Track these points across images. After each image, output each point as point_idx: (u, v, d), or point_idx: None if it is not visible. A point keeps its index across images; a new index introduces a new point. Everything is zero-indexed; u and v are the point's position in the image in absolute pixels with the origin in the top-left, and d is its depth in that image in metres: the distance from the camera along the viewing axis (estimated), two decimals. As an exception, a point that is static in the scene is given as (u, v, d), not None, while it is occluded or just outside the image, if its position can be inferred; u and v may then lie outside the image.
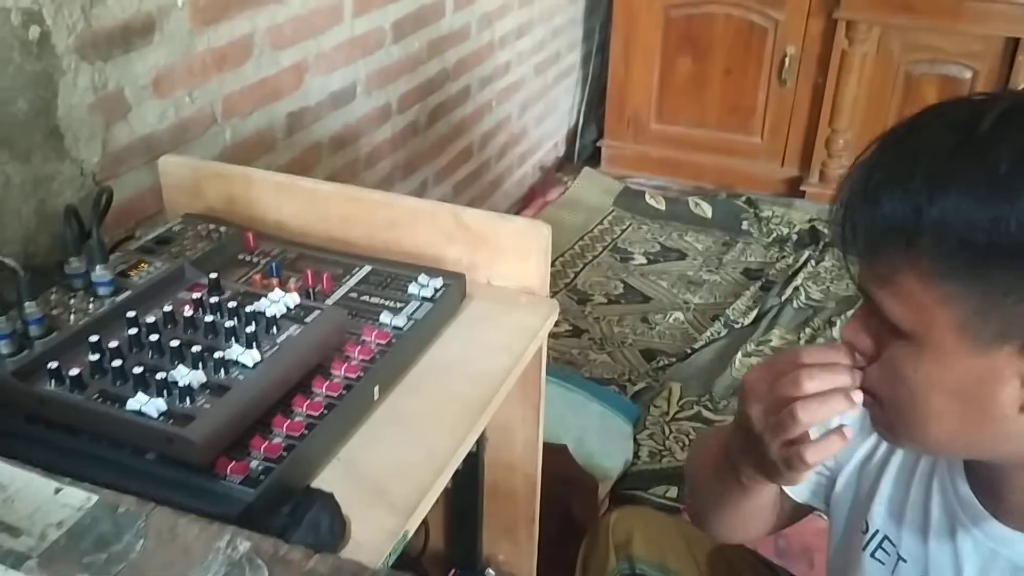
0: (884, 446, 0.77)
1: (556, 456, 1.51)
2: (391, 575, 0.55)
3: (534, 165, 2.89)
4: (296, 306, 0.89)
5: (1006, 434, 0.60)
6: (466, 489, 1.19)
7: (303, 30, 1.53)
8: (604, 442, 1.73)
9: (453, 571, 1.26)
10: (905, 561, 0.74)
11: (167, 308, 0.86)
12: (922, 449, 0.70)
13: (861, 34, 2.62)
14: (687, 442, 1.84)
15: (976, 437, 0.61)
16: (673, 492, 1.69)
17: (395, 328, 0.92)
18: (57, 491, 0.61)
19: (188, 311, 0.85)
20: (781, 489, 0.83)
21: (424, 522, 0.93)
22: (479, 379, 0.93)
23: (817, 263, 2.53)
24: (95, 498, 0.60)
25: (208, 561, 0.56)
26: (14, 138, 1.03)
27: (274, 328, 0.85)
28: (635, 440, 1.80)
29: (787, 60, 2.76)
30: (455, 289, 1.00)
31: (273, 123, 1.50)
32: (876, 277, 0.59)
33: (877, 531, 0.75)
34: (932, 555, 0.71)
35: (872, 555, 0.76)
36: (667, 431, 1.87)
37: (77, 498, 0.60)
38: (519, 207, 2.77)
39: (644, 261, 2.58)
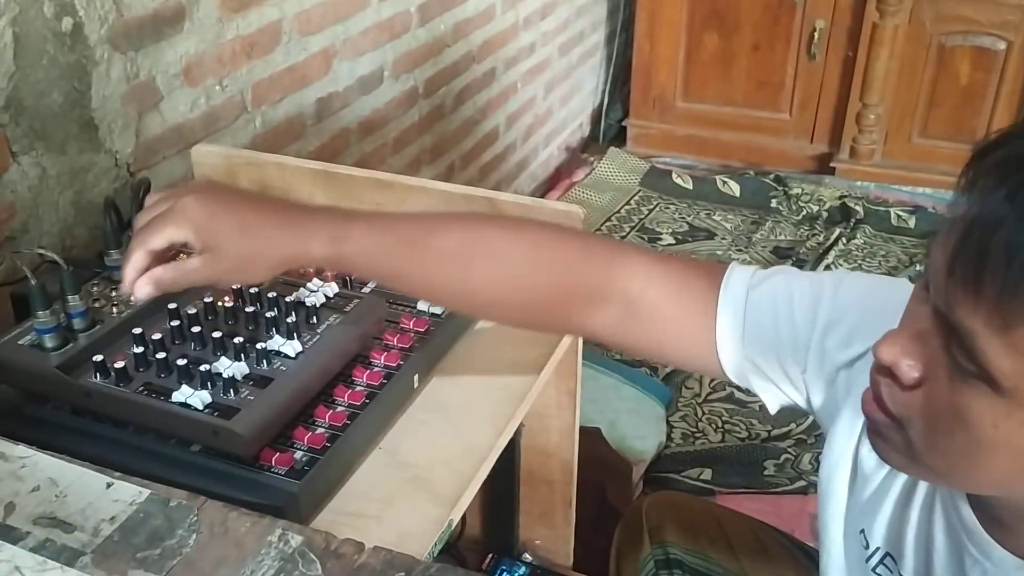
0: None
1: (590, 439, 1.51)
2: (443, 568, 0.55)
3: (559, 146, 2.87)
4: (335, 295, 0.89)
5: None
6: (503, 475, 1.19)
7: (330, 15, 1.52)
8: (637, 425, 1.72)
9: (490, 556, 1.26)
10: None
11: (207, 299, 0.86)
12: (942, 484, 0.63)
13: (892, 6, 2.57)
14: (720, 424, 1.83)
15: (1016, 485, 0.56)
16: (707, 475, 1.68)
17: (433, 315, 0.92)
18: (108, 486, 0.61)
19: (228, 302, 0.85)
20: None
21: (461, 508, 0.94)
22: (517, 366, 0.93)
23: (848, 240, 2.50)
24: (147, 492, 0.60)
25: (261, 555, 0.56)
26: (49, 130, 1.03)
27: (314, 318, 0.85)
28: (668, 422, 1.80)
29: (816, 34, 2.72)
30: (492, 276, 1.00)
31: (302, 109, 1.50)
32: (992, 319, 0.48)
33: (878, 548, 0.71)
34: None
35: (874, 569, 0.72)
36: (700, 413, 1.86)
37: (129, 492, 0.60)
38: (545, 189, 2.76)
39: (672, 241, 2.56)
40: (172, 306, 0.83)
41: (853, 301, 0.71)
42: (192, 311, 0.83)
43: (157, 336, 0.80)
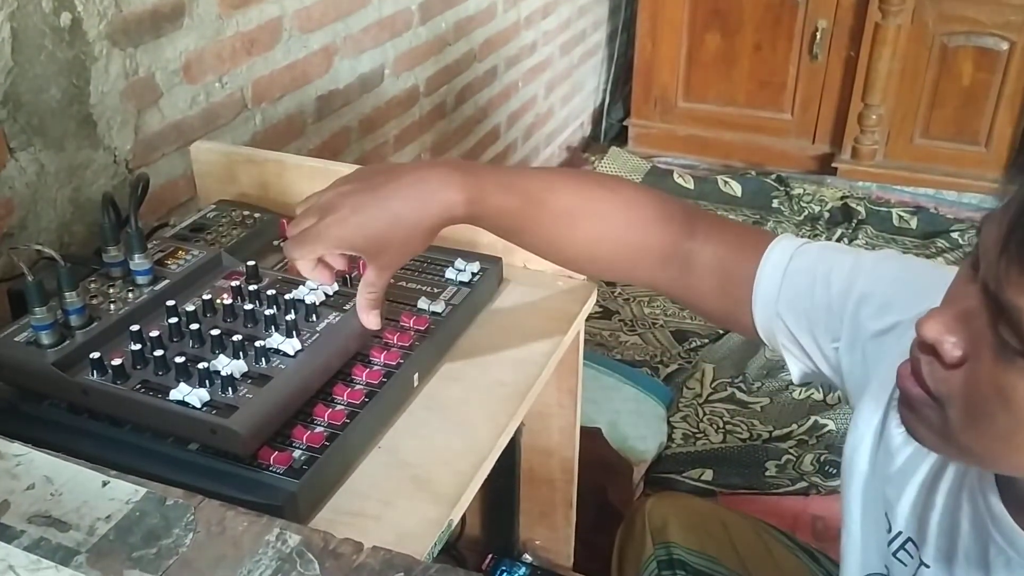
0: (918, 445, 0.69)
1: (591, 439, 1.50)
2: (442, 569, 0.54)
3: (560, 145, 2.86)
4: (335, 293, 0.88)
5: None
6: (503, 475, 1.18)
7: (331, 12, 1.52)
8: (638, 425, 1.71)
9: (490, 557, 1.25)
10: (928, 567, 0.69)
11: (206, 296, 0.85)
12: (974, 465, 0.63)
13: (895, 6, 2.56)
14: (721, 424, 1.82)
15: None
16: (708, 475, 1.67)
17: (433, 314, 0.91)
18: (104, 484, 0.60)
19: (227, 299, 0.84)
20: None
21: (461, 508, 0.93)
22: (518, 365, 0.92)
23: (851, 241, 2.49)
24: (143, 491, 0.60)
25: (259, 555, 0.55)
26: (47, 126, 1.03)
27: (313, 316, 0.84)
28: (669, 423, 1.79)
29: (818, 34, 2.71)
30: (492, 273, 0.99)
31: (303, 107, 1.49)
32: None
33: (900, 532, 0.71)
34: (959, 566, 0.66)
35: (894, 554, 0.71)
36: (701, 413, 1.85)
37: (125, 491, 0.60)
38: (546, 188, 2.75)
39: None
40: (170, 303, 0.83)
41: (889, 274, 0.73)
42: (190, 308, 0.82)
43: (155, 333, 0.79)
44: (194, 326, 0.80)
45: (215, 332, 0.79)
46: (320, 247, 0.75)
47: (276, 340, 0.80)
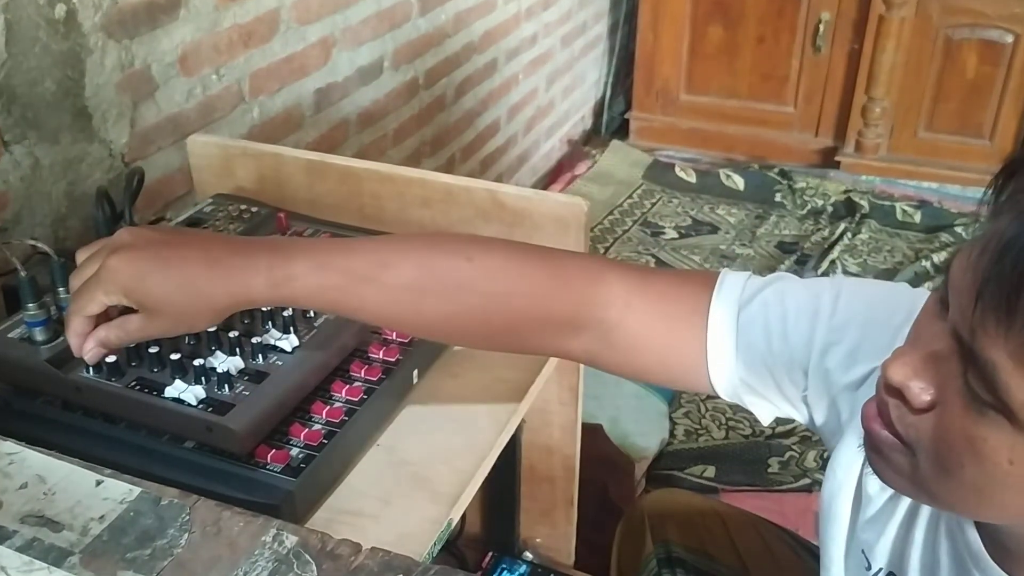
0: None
1: (592, 436, 1.49)
2: (442, 571, 0.53)
3: (561, 139, 2.85)
4: (333, 289, 0.87)
5: None
6: (504, 472, 1.17)
7: (329, 4, 1.50)
8: (639, 421, 1.70)
9: (490, 554, 1.24)
10: None
11: (202, 292, 0.84)
12: (949, 511, 0.59)
13: (899, -1, 2.55)
14: (724, 421, 1.81)
15: None
16: (710, 472, 1.66)
17: (433, 310, 0.90)
18: (98, 483, 0.59)
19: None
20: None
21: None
22: (519, 361, 0.91)
23: (854, 236, 2.48)
24: (137, 491, 0.58)
25: (255, 555, 0.54)
26: (42, 119, 1.02)
27: (311, 311, 0.83)
28: (671, 419, 1.78)
29: (821, 26, 2.69)
30: (493, 269, 0.98)
31: (301, 100, 1.48)
32: (1016, 350, 0.44)
33: (881, 568, 0.68)
34: None
35: None
36: (703, 409, 1.84)
37: (119, 491, 0.59)
38: (546, 182, 2.74)
39: (675, 235, 2.54)
40: (166, 299, 0.81)
41: (853, 316, 0.67)
42: (186, 304, 0.81)
43: (150, 330, 0.77)
44: (190, 322, 0.79)
45: (211, 328, 0.78)
46: (100, 295, 0.66)
47: (273, 336, 0.79)
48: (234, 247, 0.68)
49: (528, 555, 1.26)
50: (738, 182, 2.74)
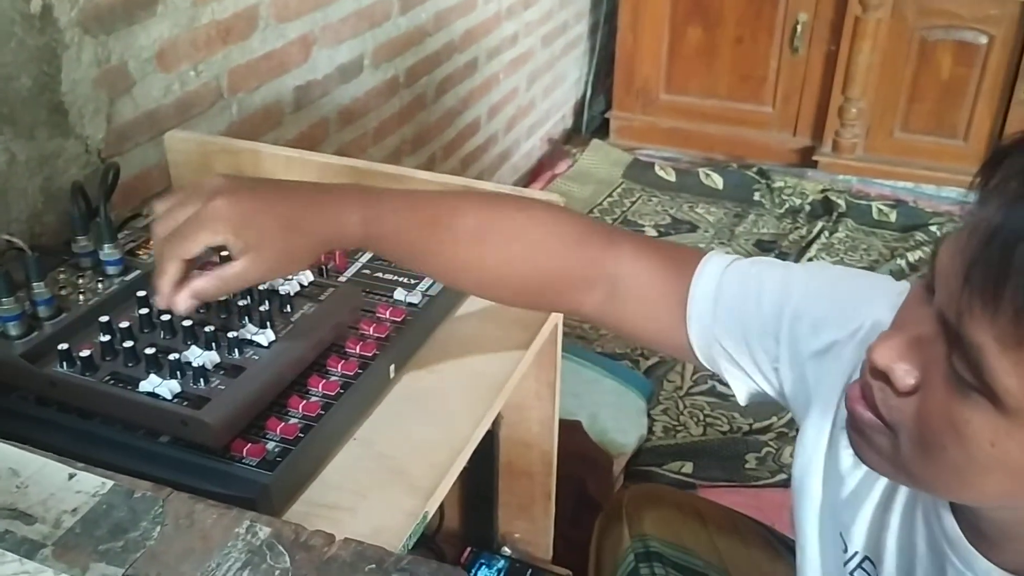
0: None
1: (570, 432, 1.50)
2: (414, 560, 0.54)
3: (542, 138, 2.86)
4: (310, 284, 0.87)
5: None
6: (482, 467, 1.18)
7: (309, 1, 1.50)
8: (618, 418, 1.71)
9: (469, 550, 1.25)
10: None
11: (178, 287, 0.84)
12: (928, 492, 0.61)
13: (875, 0, 2.57)
14: (702, 417, 1.82)
15: (1006, 505, 0.55)
16: (688, 467, 1.68)
17: (410, 305, 0.90)
18: (71, 477, 0.59)
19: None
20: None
21: (440, 501, 0.92)
22: (495, 356, 0.91)
23: (831, 234, 2.50)
24: (110, 484, 0.59)
25: (228, 547, 0.54)
26: (18, 115, 1.01)
27: (288, 306, 0.83)
28: (649, 416, 1.79)
29: (799, 27, 2.72)
30: (470, 265, 0.98)
31: (280, 97, 1.48)
32: (1006, 335, 0.45)
33: (857, 552, 0.70)
34: None
35: (852, 572, 0.71)
36: (681, 406, 1.85)
37: (92, 484, 0.59)
38: (527, 180, 2.74)
39: (655, 233, 2.55)
40: (141, 294, 0.81)
41: (820, 290, 0.70)
42: (162, 299, 0.81)
43: (125, 324, 0.77)
44: (165, 317, 0.79)
45: (187, 323, 0.78)
46: (207, 233, 0.66)
47: (250, 331, 0.79)
48: (327, 188, 0.73)
49: (507, 550, 1.27)
50: (717, 181, 2.76)
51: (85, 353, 0.74)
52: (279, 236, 0.68)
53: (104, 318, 0.78)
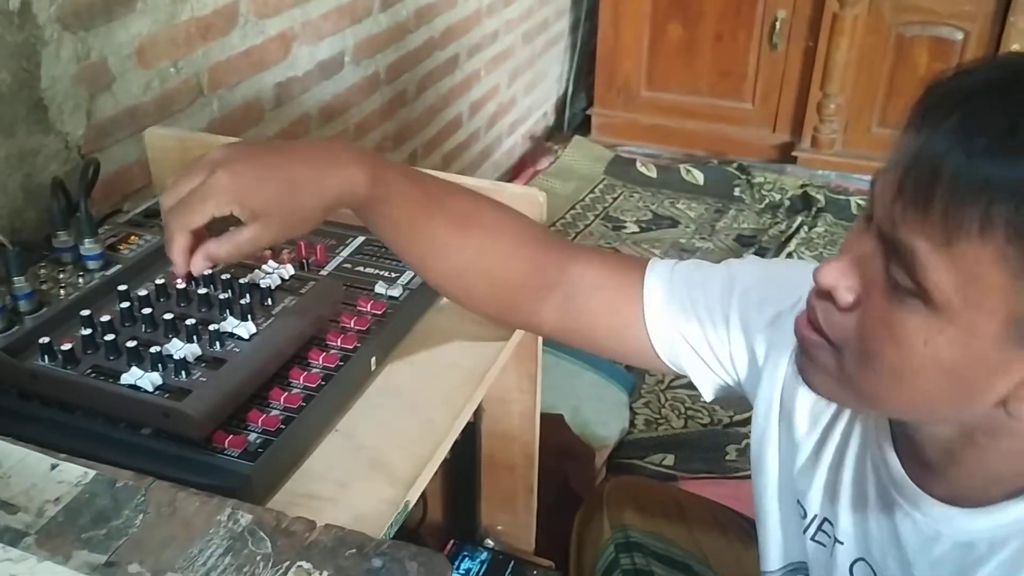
0: (838, 427, 0.71)
1: (552, 426, 1.51)
2: (394, 545, 0.55)
3: (524, 134, 2.87)
4: (291, 277, 0.88)
5: (971, 415, 0.57)
6: (464, 460, 1.19)
7: (289, -2, 1.51)
8: (600, 411, 1.72)
9: (452, 542, 1.26)
10: (842, 543, 0.71)
11: (159, 281, 0.84)
12: (867, 409, 0.65)
13: (852, -4, 2.60)
14: (683, 410, 1.84)
15: (940, 410, 0.58)
16: (670, 460, 1.69)
17: (390, 298, 0.91)
18: (53, 467, 0.60)
19: (181, 284, 0.84)
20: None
21: (422, 494, 0.93)
22: (475, 349, 0.92)
23: (810, 229, 2.53)
24: (92, 473, 0.59)
25: (210, 534, 0.55)
26: (-3, 111, 1.01)
27: (269, 300, 0.84)
28: (631, 409, 1.81)
29: (777, 24, 2.74)
30: (450, 258, 0.99)
31: (261, 94, 1.48)
32: (932, 233, 0.50)
33: (816, 515, 0.73)
34: (872, 536, 0.68)
35: (812, 538, 0.74)
36: (662, 399, 1.87)
37: (74, 474, 0.59)
38: (509, 177, 2.75)
39: (636, 229, 2.57)
40: (122, 288, 0.82)
41: (760, 272, 0.77)
42: (143, 293, 0.82)
43: (106, 318, 0.78)
44: (146, 311, 0.80)
45: (168, 316, 0.78)
46: (211, 205, 0.67)
47: (231, 324, 0.79)
48: (334, 147, 0.74)
49: (489, 542, 1.28)
50: (698, 177, 2.78)
51: (67, 347, 0.74)
52: (286, 200, 0.69)
53: (85, 312, 0.78)
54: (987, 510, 0.60)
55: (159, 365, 0.74)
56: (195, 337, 0.77)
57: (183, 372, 0.74)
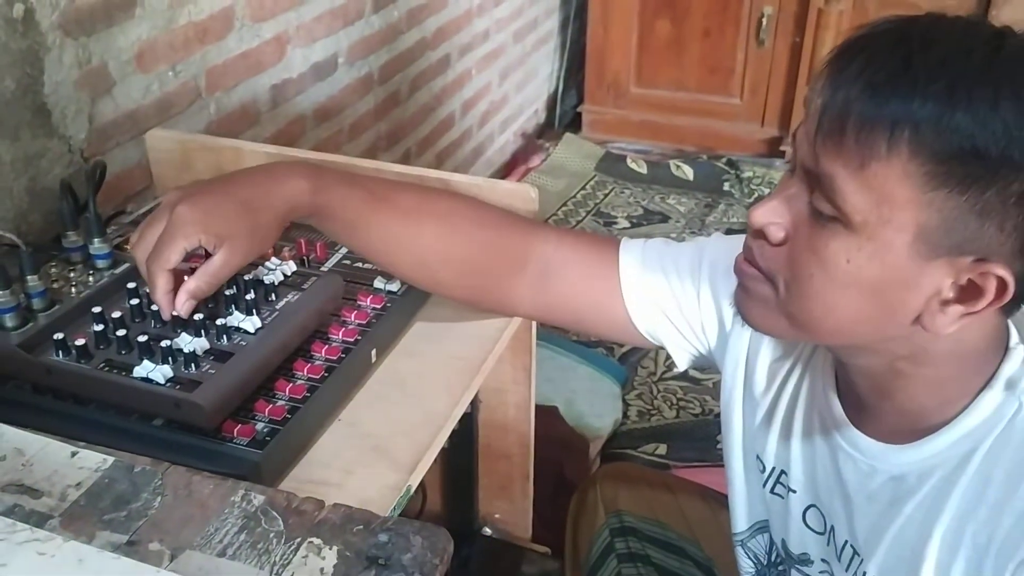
0: (791, 380, 0.77)
1: (547, 417, 1.55)
2: (399, 521, 0.58)
3: (515, 132, 2.90)
4: (293, 273, 0.91)
5: (894, 335, 0.62)
6: (462, 450, 1.22)
7: (283, 1, 1.53)
8: (593, 403, 1.76)
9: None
10: (795, 491, 0.76)
11: (166, 278, 0.87)
12: (803, 334, 0.68)
13: (837, -8, 2.64)
14: (675, 401, 1.88)
15: (866, 332, 0.63)
16: (662, 449, 1.73)
17: (389, 292, 0.94)
18: (73, 454, 0.63)
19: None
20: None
21: (421, 483, 0.96)
22: (472, 340, 0.95)
23: (798, 222, 2.56)
24: (111, 459, 0.62)
25: (225, 514, 0.58)
26: (2, 116, 1.04)
27: (272, 295, 0.87)
28: (624, 400, 1.84)
29: (764, 20, 2.78)
30: (446, 253, 1.02)
31: (257, 96, 1.51)
32: (848, 160, 0.56)
33: (773, 468, 0.78)
34: (820, 481, 0.74)
35: (772, 491, 0.79)
36: (655, 391, 1.90)
37: (93, 460, 0.62)
38: (502, 174, 2.79)
39: (627, 225, 2.61)
40: (131, 285, 0.85)
41: (729, 244, 0.80)
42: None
43: (117, 314, 0.81)
44: (156, 307, 0.83)
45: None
46: (180, 239, 0.73)
47: (237, 319, 0.82)
48: (273, 167, 0.80)
49: (487, 530, 1.31)
50: (688, 172, 2.82)
51: (80, 342, 0.77)
52: (244, 219, 0.75)
53: (97, 308, 0.81)
54: (915, 444, 0.66)
55: (169, 358, 0.77)
56: (203, 331, 0.80)
57: (192, 365, 0.77)
